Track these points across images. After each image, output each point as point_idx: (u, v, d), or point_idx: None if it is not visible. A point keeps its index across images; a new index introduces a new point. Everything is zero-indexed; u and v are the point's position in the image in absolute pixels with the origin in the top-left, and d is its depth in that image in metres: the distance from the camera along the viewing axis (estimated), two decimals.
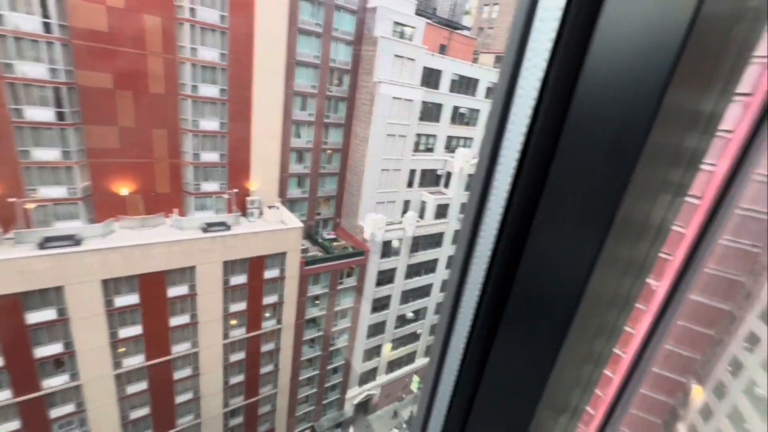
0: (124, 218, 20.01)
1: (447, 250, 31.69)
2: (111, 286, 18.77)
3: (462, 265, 0.56)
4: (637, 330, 1.77)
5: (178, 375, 22.50)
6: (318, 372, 29.30)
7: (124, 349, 20.35)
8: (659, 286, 1.64)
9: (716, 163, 1.43)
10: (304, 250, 26.01)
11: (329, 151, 27.70)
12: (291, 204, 27.10)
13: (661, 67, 0.34)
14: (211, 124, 21.12)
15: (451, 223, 30.59)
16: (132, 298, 19.53)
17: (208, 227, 20.94)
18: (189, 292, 20.98)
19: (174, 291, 20.53)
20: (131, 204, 20.33)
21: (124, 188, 19.93)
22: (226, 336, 23.30)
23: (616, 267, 0.52)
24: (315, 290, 26.27)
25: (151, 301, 20.05)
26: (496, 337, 0.54)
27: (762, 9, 0.43)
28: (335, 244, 28.08)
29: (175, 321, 21.22)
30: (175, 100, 19.95)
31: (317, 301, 26.92)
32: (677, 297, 1.57)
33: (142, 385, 21.53)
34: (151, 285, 19.72)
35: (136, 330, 20.25)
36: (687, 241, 1.54)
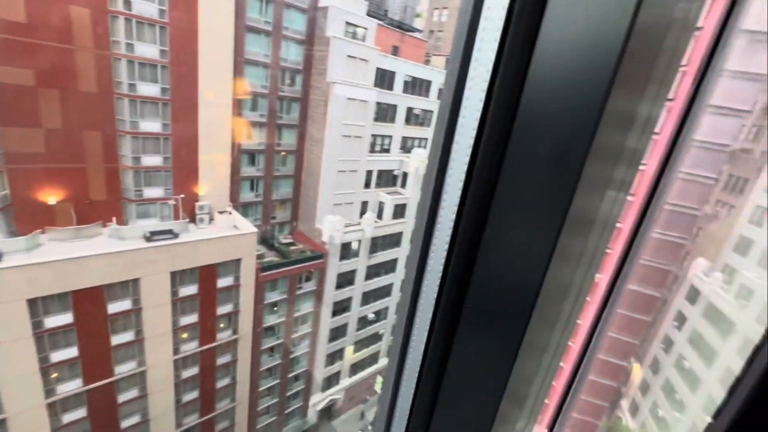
0: (52, 230, 18.08)
1: (406, 249, 32.14)
2: (39, 306, 16.88)
3: (418, 265, 0.55)
4: (583, 320, 1.87)
5: (123, 397, 20.74)
6: (279, 381, 28.42)
7: (57, 375, 18.39)
8: (601, 278, 1.74)
9: (647, 162, 1.54)
10: (260, 256, 25.11)
11: (283, 153, 26.98)
12: (244, 208, 26.04)
13: (603, 71, 0.35)
14: (152, 126, 19.72)
15: (409, 223, 31.04)
16: (65, 318, 17.70)
17: (152, 236, 19.52)
18: (133, 306, 19.42)
19: (115, 306, 18.90)
20: (62, 214, 18.43)
21: (52, 197, 18.02)
22: (176, 351, 21.86)
23: (568, 261, 0.53)
24: (273, 297, 25.45)
25: (89, 320, 18.31)
26: (455, 334, 0.54)
27: (688, 20, 0.46)
28: (292, 248, 27.41)
29: (117, 339, 19.54)
30: (110, 100, 18.39)
31: (275, 308, 26.10)
32: (617, 288, 1.68)
33: (81, 413, 19.59)
34: (88, 302, 18.00)
35: (71, 352, 18.37)
36: (624, 235, 1.65)
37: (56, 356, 17.98)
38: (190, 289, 21.10)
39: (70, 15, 16.42)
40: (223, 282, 22.29)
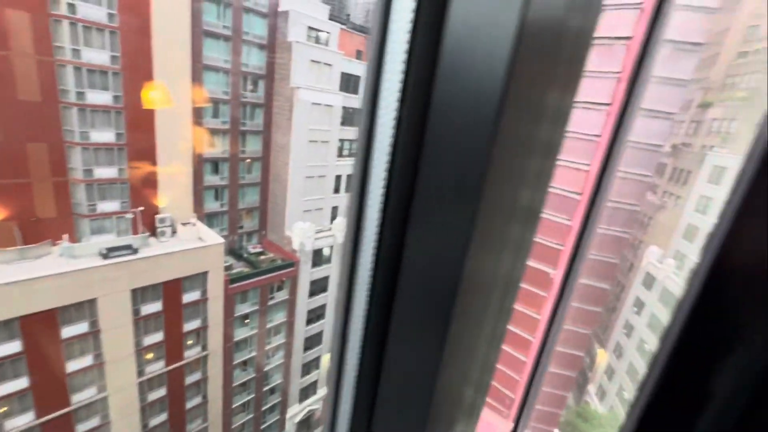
0: None
1: None
2: None
3: (350, 267, 0.56)
4: (542, 315, 1.94)
5: (82, 428, 19.32)
6: (253, 396, 27.51)
7: (5, 409, 16.87)
8: (555, 274, 1.82)
9: (590, 163, 1.63)
10: (228, 268, 24.27)
11: (248, 160, 26.30)
12: (209, 219, 25.12)
13: (498, 64, 0.37)
14: (104, 136, 18.63)
15: None
16: (12, 346, 16.29)
17: (109, 252, 18.39)
18: (90, 329, 18.18)
19: (70, 330, 17.61)
20: (4, 234, 17.00)
21: None
22: (141, 373, 20.66)
23: (491, 251, 0.54)
24: (243, 309, 24.65)
25: (39, 346, 16.94)
26: (388, 335, 0.54)
27: (585, 29, 0.50)
28: (262, 257, 26.71)
29: (74, 365, 18.21)
30: (56, 109, 17.21)
31: (247, 320, 25.28)
32: (570, 282, 1.76)
33: None
34: (39, 327, 16.67)
35: (20, 383, 16.92)
36: (574, 232, 1.73)
37: (3, 389, 16.50)
38: (153, 307, 20.03)
39: (4, 18, 15.25)
40: (190, 297, 21.34)
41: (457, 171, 0.44)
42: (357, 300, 0.56)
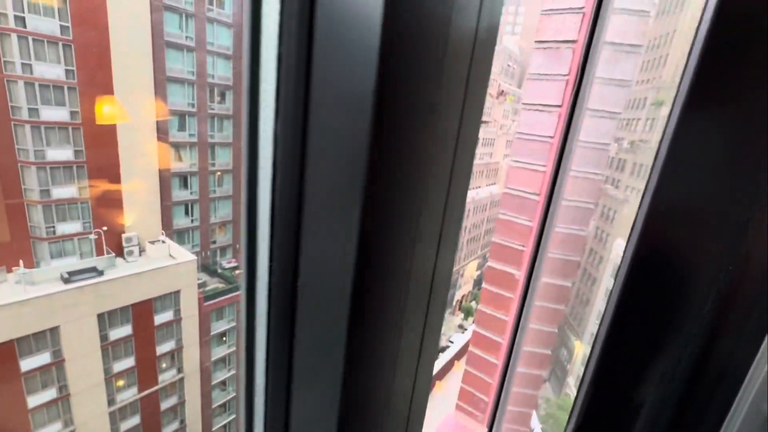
0: None
1: None
2: None
3: (248, 273, 0.54)
4: (509, 316, 1.96)
5: None
6: (234, 416, 26.57)
7: None
8: (520, 275, 1.85)
9: (545, 164, 1.67)
10: (202, 284, 23.46)
11: (219, 173, 25.66)
12: (179, 235, 24.26)
13: (370, 58, 0.37)
14: (62, 154, 17.70)
15: None
16: None
17: (71, 276, 17.38)
18: (53, 359, 17.05)
19: (30, 362, 16.46)
20: None
21: None
22: (111, 402, 19.53)
23: (397, 246, 0.54)
24: (220, 326, 23.85)
25: None
26: (294, 336, 0.53)
27: (485, 29, 0.51)
28: (237, 272, 26.00)
29: (35, 400, 16.99)
30: (7, 128, 16.21)
31: (224, 338, 24.48)
32: (533, 283, 1.79)
33: None
34: None
35: None
36: (533, 232, 1.77)
37: None
38: (123, 331, 19.05)
39: None
40: (162, 318, 20.44)
41: (338, 170, 0.44)
42: (258, 304, 0.54)
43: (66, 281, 17.21)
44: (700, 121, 0.62)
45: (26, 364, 16.36)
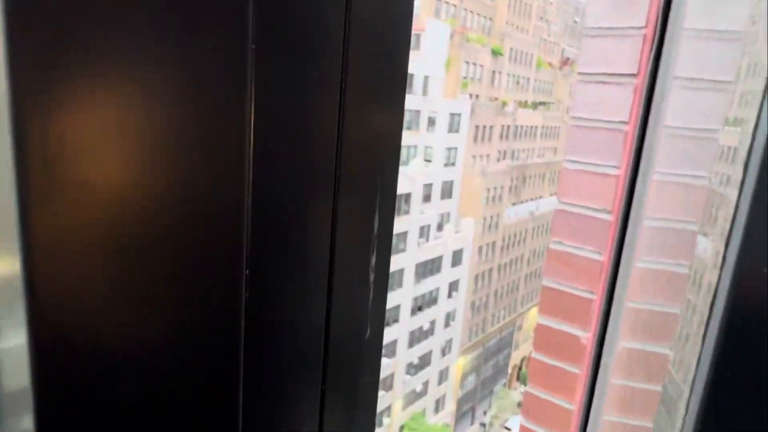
0: None
1: None
2: None
3: None
4: (574, 402, 1.37)
5: None
6: None
7: None
8: (587, 337, 1.26)
9: (618, 164, 1.12)
10: None
11: None
12: None
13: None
14: None
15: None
16: None
17: None
18: None
19: None
20: None
21: None
22: None
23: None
24: None
25: None
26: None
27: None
28: None
29: None
30: None
31: None
32: (608, 347, 1.19)
33: None
34: None
35: None
36: (605, 270, 1.19)
37: None
38: None
39: None
40: None
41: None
42: None
43: None
44: None
45: None
